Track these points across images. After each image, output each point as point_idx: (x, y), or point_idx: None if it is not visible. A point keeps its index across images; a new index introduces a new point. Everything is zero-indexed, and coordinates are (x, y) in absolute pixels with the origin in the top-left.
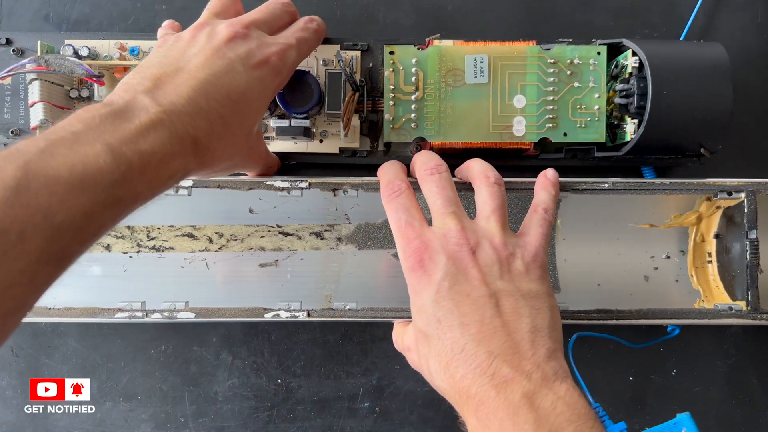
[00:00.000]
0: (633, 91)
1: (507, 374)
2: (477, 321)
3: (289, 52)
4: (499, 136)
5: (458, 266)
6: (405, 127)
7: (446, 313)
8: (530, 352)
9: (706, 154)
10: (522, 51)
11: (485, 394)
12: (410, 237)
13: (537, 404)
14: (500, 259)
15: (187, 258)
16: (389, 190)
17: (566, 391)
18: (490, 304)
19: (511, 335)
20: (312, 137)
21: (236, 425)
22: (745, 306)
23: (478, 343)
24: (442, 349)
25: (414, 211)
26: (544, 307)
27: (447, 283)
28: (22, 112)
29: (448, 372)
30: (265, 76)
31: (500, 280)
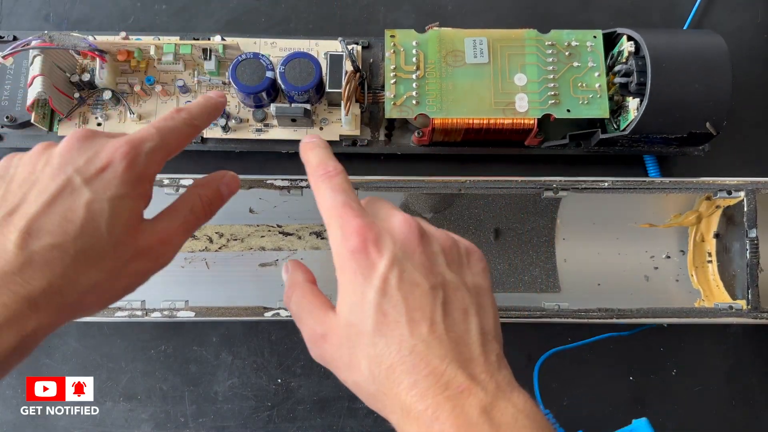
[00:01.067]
0: (632, 69)
1: (462, 384)
2: (427, 318)
3: (142, 144)
4: (501, 111)
5: (406, 251)
6: (407, 103)
7: (394, 305)
8: (482, 358)
9: (712, 131)
10: (520, 35)
11: (440, 408)
12: (350, 216)
13: (498, 420)
14: (444, 248)
15: (187, 258)
16: (322, 169)
17: (524, 403)
18: (439, 299)
19: (462, 338)
20: (312, 123)
21: (236, 425)
22: (746, 305)
23: (428, 345)
24: (385, 348)
25: (352, 194)
26: (488, 306)
27: (396, 270)
28: (20, 99)
29: (390, 378)
30: (114, 180)
31: (447, 271)
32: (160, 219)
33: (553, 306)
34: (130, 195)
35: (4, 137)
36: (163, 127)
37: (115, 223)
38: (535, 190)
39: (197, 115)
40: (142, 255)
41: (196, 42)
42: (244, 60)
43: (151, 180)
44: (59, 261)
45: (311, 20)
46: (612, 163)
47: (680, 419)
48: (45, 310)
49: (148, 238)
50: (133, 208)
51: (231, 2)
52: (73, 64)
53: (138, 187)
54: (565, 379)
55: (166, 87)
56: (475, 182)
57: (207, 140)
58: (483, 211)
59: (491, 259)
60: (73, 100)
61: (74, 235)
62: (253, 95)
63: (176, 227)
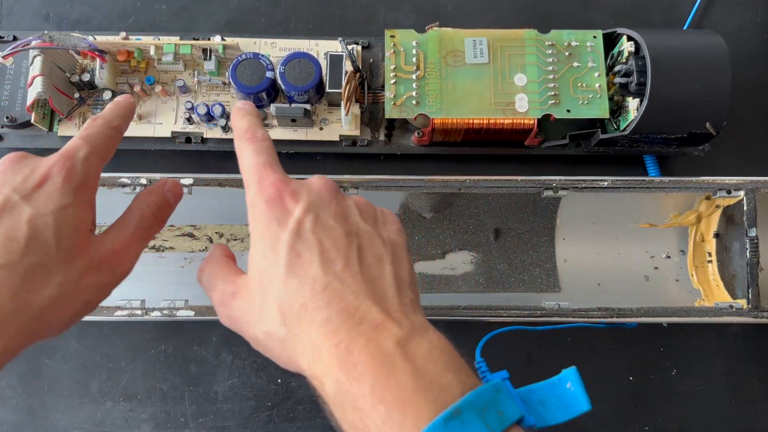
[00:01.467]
0: (632, 69)
1: (377, 319)
2: (342, 258)
3: (75, 154)
4: (501, 111)
5: (322, 201)
6: (407, 103)
7: (308, 246)
8: (397, 299)
9: (712, 131)
10: (520, 35)
11: (353, 342)
12: (269, 173)
13: (412, 352)
14: (359, 204)
15: (187, 258)
16: (249, 134)
17: (439, 340)
18: (354, 244)
19: (377, 280)
20: (312, 123)
21: (236, 425)
22: (746, 304)
23: (342, 282)
24: (298, 288)
25: (275, 158)
26: (404, 258)
27: (311, 214)
28: (20, 99)
29: (302, 317)
30: (54, 192)
31: (362, 221)
32: (110, 230)
33: (553, 305)
34: (73, 204)
35: (4, 137)
36: (88, 135)
37: (62, 236)
38: (535, 189)
39: (112, 118)
40: (96, 267)
41: (196, 42)
42: (244, 60)
43: (92, 188)
44: (7, 282)
45: (311, 20)
46: (612, 163)
47: (680, 419)
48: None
49: (101, 250)
50: (79, 217)
51: (231, 2)
52: (73, 64)
53: (80, 196)
54: None
55: (166, 87)
56: (475, 182)
57: (207, 140)
58: (483, 211)
59: (491, 259)
60: (73, 100)
61: (20, 254)
62: (253, 95)
63: (128, 236)
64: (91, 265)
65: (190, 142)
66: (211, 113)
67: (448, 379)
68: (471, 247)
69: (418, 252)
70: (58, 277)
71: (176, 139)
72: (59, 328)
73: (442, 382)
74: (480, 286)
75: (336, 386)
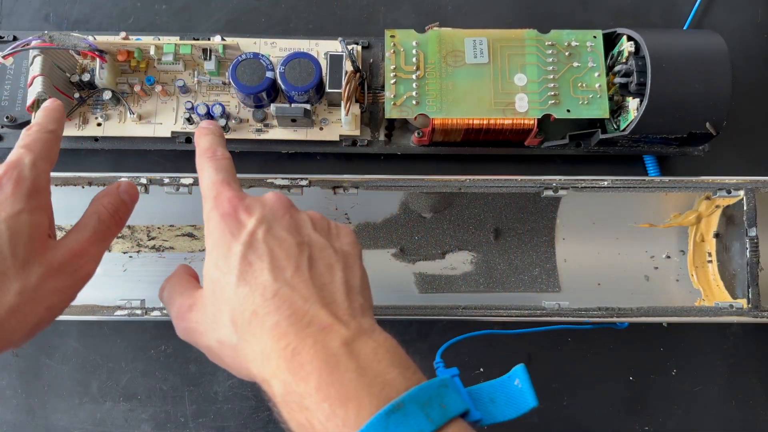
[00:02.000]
0: (632, 69)
1: (324, 321)
2: (292, 266)
3: (20, 161)
4: (501, 112)
5: (275, 215)
6: (407, 103)
7: (259, 256)
8: (346, 303)
9: (712, 131)
10: (520, 35)
11: (301, 344)
12: (226, 189)
13: (357, 351)
14: (313, 218)
15: (187, 258)
16: (210, 152)
17: (385, 339)
18: (305, 253)
19: (326, 285)
20: (312, 123)
21: (236, 425)
22: (746, 304)
23: (292, 288)
24: (249, 296)
25: (233, 176)
26: (356, 267)
27: (264, 227)
28: (20, 99)
29: (252, 324)
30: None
31: (314, 233)
32: (69, 233)
33: (553, 305)
34: (25, 209)
35: (4, 137)
36: (28, 144)
37: (17, 242)
38: (535, 189)
39: (46, 123)
40: (56, 272)
41: (196, 42)
42: (244, 60)
43: (44, 193)
44: None
45: (311, 20)
46: (612, 163)
47: (680, 419)
48: None
49: (59, 254)
50: (33, 222)
51: (231, 2)
52: (73, 64)
53: (32, 201)
54: (564, 378)
55: (166, 87)
56: (475, 181)
57: None
58: (483, 211)
59: (491, 259)
60: (73, 100)
61: None
62: (253, 95)
63: (87, 238)
64: (50, 270)
65: (190, 142)
66: (211, 113)
67: (392, 376)
68: (471, 247)
69: (418, 252)
70: (15, 284)
71: (176, 139)
72: (22, 336)
73: (386, 378)
74: (480, 286)
75: (283, 387)
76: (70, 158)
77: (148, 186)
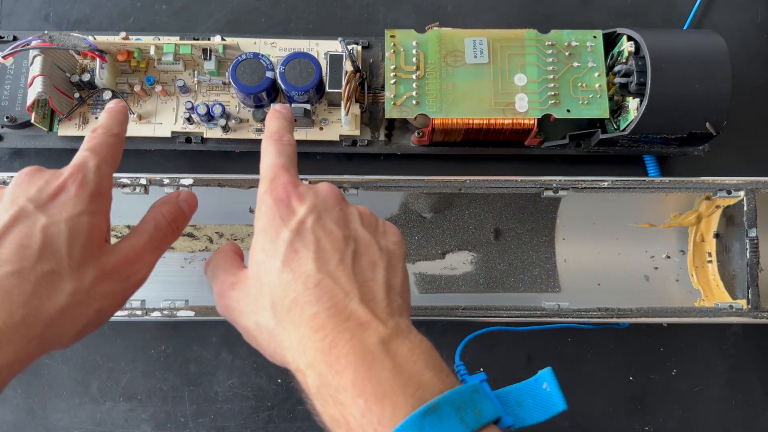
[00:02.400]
0: (632, 69)
1: (363, 317)
2: (337, 258)
3: (86, 164)
4: (501, 112)
5: (326, 206)
6: (407, 103)
7: (306, 244)
8: (385, 302)
9: (712, 131)
10: (520, 35)
11: (338, 337)
12: (283, 174)
13: (394, 350)
14: (362, 213)
15: (187, 258)
16: (276, 135)
17: (421, 342)
18: (350, 247)
19: (367, 282)
20: (312, 123)
21: (236, 425)
22: (746, 304)
23: (335, 280)
24: (291, 282)
25: (294, 163)
26: (399, 267)
27: (313, 216)
28: (20, 99)
29: (292, 311)
30: (68, 201)
31: (361, 228)
32: (124, 239)
33: (553, 305)
34: (86, 212)
35: (4, 137)
36: (93, 146)
37: (74, 243)
38: (535, 189)
39: (111, 125)
40: (109, 276)
41: (196, 42)
42: (244, 60)
43: (105, 197)
44: (19, 289)
45: (311, 20)
46: (612, 163)
47: (680, 419)
48: (10, 344)
49: (114, 258)
50: (93, 225)
51: (231, 2)
52: (73, 64)
53: (93, 204)
54: (564, 378)
55: (166, 87)
56: (475, 182)
57: (207, 140)
58: (483, 211)
59: (491, 259)
60: (73, 100)
61: (33, 261)
62: (253, 95)
63: (143, 245)
64: (103, 274)
65: (190, 142)
66: (212, 113)
67: (427, 377)
68: (471, 247)
69: (418, 252)
70: (69, 284)
71: (176, 139)
72: (71, 337)
73: (422, 379)
74: (480, 286)
75: (318, 379)
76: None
77: (148, 186)
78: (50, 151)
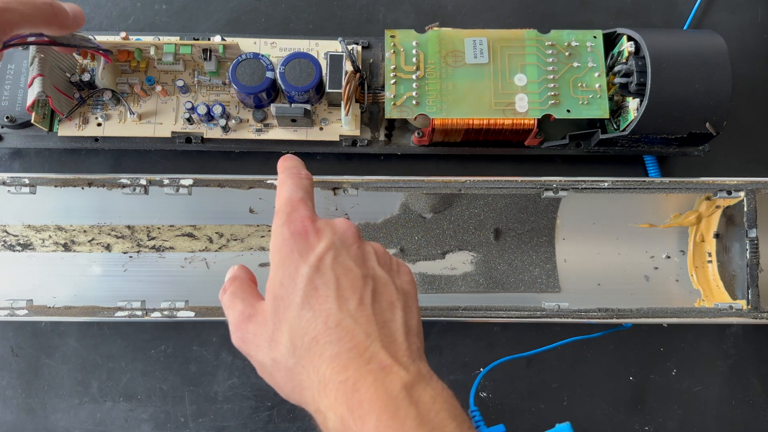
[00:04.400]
0: (632, 69)
1: (384, 361)
2: (357, 297)
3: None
4: (501, 112)
5: (344, 242)
6: (407, 104)
7: (326, 282)
8: (405, 345)
9: (712, 131)
10: (520, 35)
11: (361, 380)
12: (301, 208)
13: (417, 398)
14: (377, 251)
15: (187, 258)
16: (294, 170)
17: (442, 389)
18: (369, 286)
19: (387, 323)
20: (312, 123)
21: (236, 425)
22: (746, 305)
23: (355, 321)
24: (312, 320)
25: (311, 197)
26: (414, 309)
27: (332, 253)
28: (20, 99)
29: (312, 350)
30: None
31: (378, 267)
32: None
33: (553, 306)
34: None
35: (4, 137)
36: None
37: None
38: (535, 190)
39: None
40: None
41: (196, 42)
42: (244, 60)
43: None
44: None
45: (311, 20)
46: (612, 163)
47: (680, 419)
48: None
49: None
50: None
51: (231, 2)
52: (73, 64)
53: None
54: (565, 378)
55: (166, 87)
56: (475, 182)
57: (207, 140)
58: (483, 211)
59: (491, 259)
60: (73, 101)
61: None
62: (253, 95)
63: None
64: None
65: (190, 142)
66: (212, 113)
67: (449, 429)
68: (471, 247)
69: (418, 252)
70: None
71: (176, 139)
72: None
73: (444, 431)
74: (480, 287)
75: (340, 423)
76: (70, 158)
77: (148, 187)
78: (50, 152)
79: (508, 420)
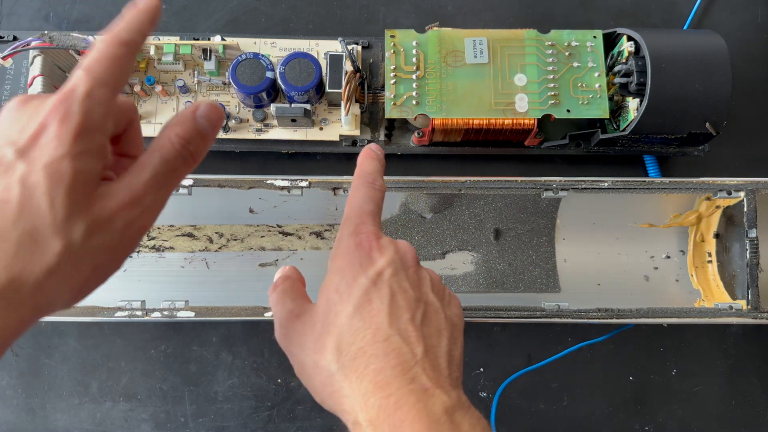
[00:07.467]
0: (632, 69)
1: (426, 383)
2: (407, 318)
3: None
4: (501, 112)
5: (403, 263)
6: (407, 104)
7: (381, 296)
8: (447, 371)
9: (712, 131)
10: (520, 35)
11: (403, 398)
12: (370, 222)
13: (458, 423)
14: (432, 279)
15: (187, 258)
16: (370, 178)
17: (479, 419)
18: (420, 309)
19: (433, 348)
20: (312, 123)
21: (236, 425)
22: (746, 305)
23: (404, 339)
24: (361, 330)
25: (380, 211)
26: (459, 341)
27: (391, 270)
28: None
29: (357, 360)
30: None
31: (431, 293)
32: (123, 177)
33: (553, 306)
34: (69, 154)
35: None
36: (89, 64)
37: (56, 194)
38: (535, 190)
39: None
40: (103, 226)
41: (196, 42)
42: (244, 60)
43: (98, 129)
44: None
45: (311, 20)
46: (612, 163)
47: (680, 419)
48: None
49: (107, 204)
50: (77, 170)
51: (231, 2)
52: (73, 64)
53: (80, 143)
54: (565, 378)
55: (166, 87)
56: (475, 182)
57: None
58: (483, 211)
59: (491, 259)
60: None
61: (13, 219)
62: (253, 95)
63: (143, 183)
64: (95, 224)
65: None
66: None
67: None
68: (471, 247)
69: (418, 252)
70: (55, 242)
71: None
72: (69, 299)
73: None
74: (480, 287)
75: None
76: None
77: None
78: None
79: (508, 420)
